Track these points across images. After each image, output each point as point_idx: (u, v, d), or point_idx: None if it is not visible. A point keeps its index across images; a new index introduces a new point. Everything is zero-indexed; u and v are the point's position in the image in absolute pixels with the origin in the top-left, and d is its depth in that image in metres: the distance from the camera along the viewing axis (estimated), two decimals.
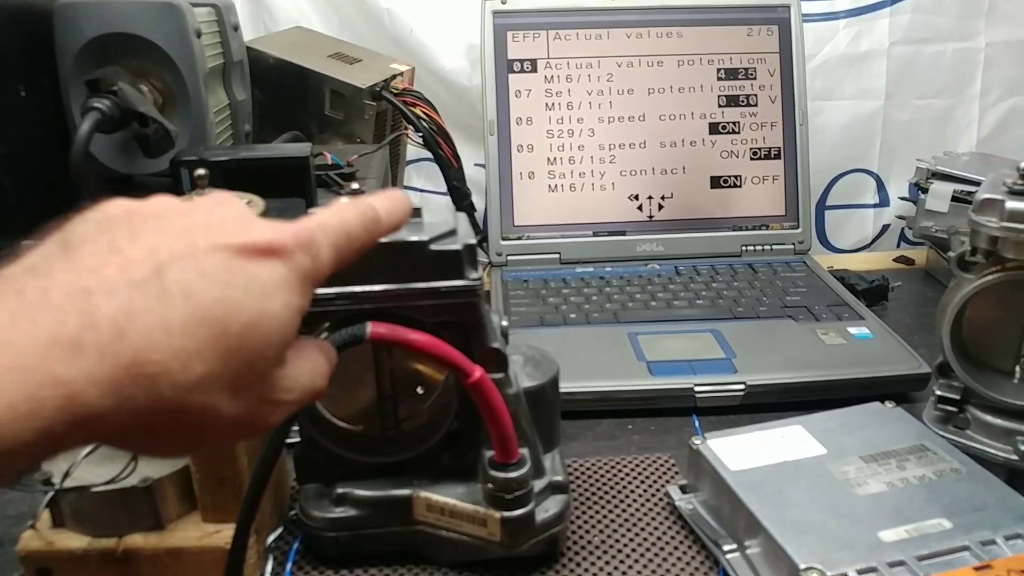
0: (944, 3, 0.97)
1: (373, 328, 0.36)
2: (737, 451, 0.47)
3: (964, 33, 0.99)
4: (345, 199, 0.35)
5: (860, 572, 0.38)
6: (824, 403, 0.53)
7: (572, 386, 0.57)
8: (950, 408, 0.53)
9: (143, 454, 0.40)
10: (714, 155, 0.83)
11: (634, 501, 0.50)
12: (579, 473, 0.53)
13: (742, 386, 0.60)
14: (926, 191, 0.81)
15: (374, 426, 0.45)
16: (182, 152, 0.60)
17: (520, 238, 0.81)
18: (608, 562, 0.45)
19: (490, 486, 0.42)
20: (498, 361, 0.42)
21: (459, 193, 0.86)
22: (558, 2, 0.81)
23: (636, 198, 0.82)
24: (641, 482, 0.52)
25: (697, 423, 0.59)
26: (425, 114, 0.83)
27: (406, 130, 0.87)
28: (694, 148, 0.82)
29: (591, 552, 0.46)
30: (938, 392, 0.54)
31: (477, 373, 0.39)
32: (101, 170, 0.63)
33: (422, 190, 1.05)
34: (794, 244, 0.83)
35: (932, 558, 0.39)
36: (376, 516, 0.45)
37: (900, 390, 0.60)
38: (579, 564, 0.45)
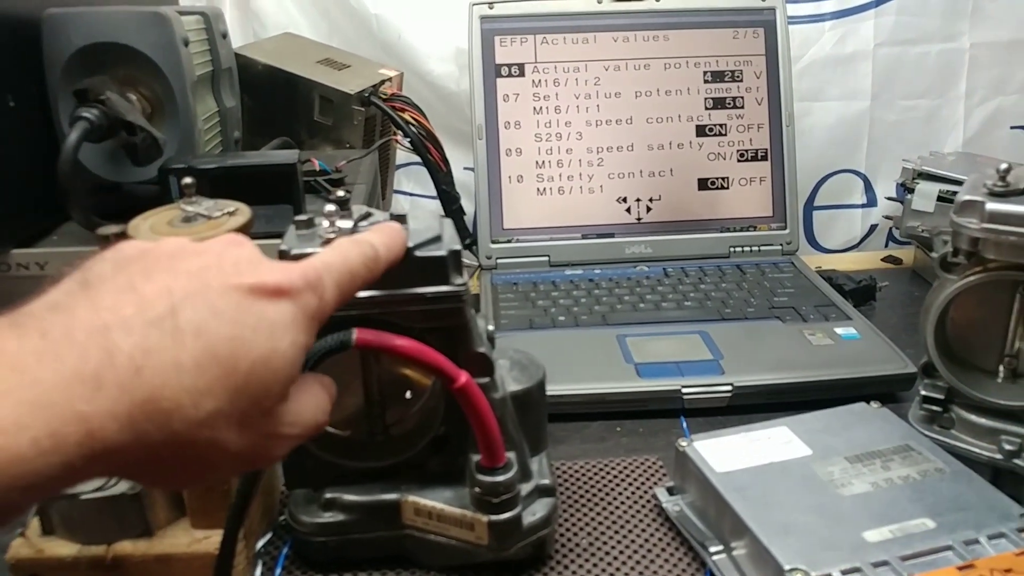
0: (928, 5, 0.98)
1: (359, 334, 0.36)
2: (723, 453, 0.47)
3: (948, 34, 0.99)
4: (326, 222, 0.36)
5: (844, 572, 0.38)
6: (811, 404, 0.53)
7: (561, 389, 0.57)
8: (935, 408, 0.54)
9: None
10: (701, 157, 0.83)
11: (622, 503, 0.50)
12: (567, 476, 0.53)
13: (729, 387, 0.60)
14: (912, 191, 0.82)
15: (362, 431, 0.45)
16: (170, 160, 0.60)
17: (509, 241, 0.82)
18: (596, 564, 0.45)
19: (477, 490, 0.43)
20: (484, 365, 0.42)
21: (448, 197, 0.87)
22: (545, 7, 0.81)
23: (624, 200, 0.83)
24: (629, 484, 0.52)
25: (685, 425, 0.59)
26: (414, 119, 0.84)
27: (395, 135, 0.88)
28: (681, 150, 0.83)
29: (579, 555, 0.46)
30: (923, 392, 0.54)
31: (463, 378, 0.39)
32: (90, 179, 0.63)
33: (411, 194, 1.06)
34: (782, 245, 0.84)
35: (916, 558, 0.39)
36: (365, 521, 0.45)
37: (887, 390, 0.61)
38: (567, 567, 0.45)
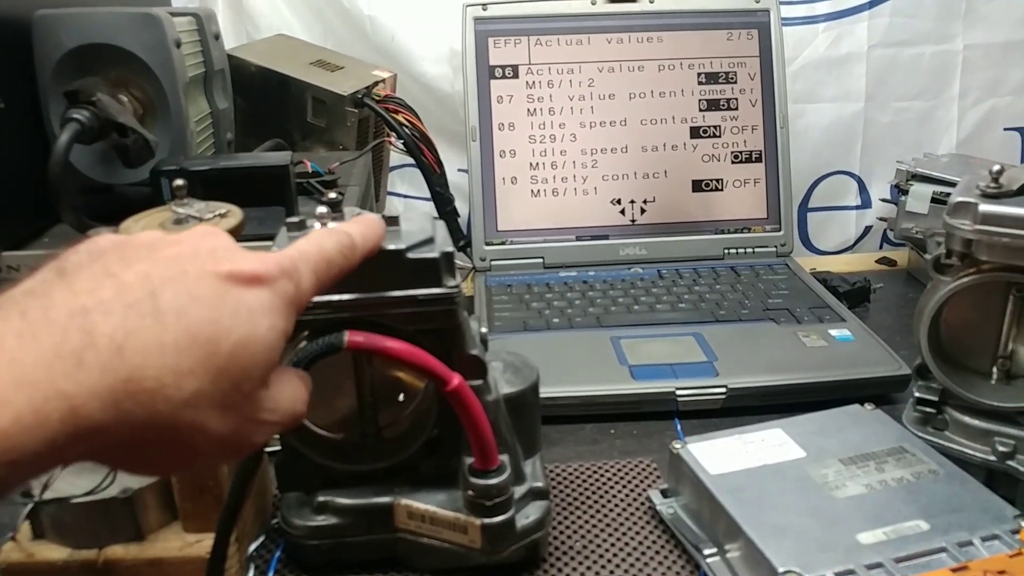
0: (922, 6, 0.98)
1: (350, 337, 0.36)
2: (717, 455, 0.47)
3: (942, 36, 1.00)
4: (319, 224, 0.36)
5: (838, 574, 0.38)
6: (805, 405, 0.53)
7: (555, 391, 0.57)
8: (929, 410, 0.54)
9: (136, 472, 0.40)
10: (695, 159, 0.83)
11: (616, 506, 0.50)
12: (561, 478, 0.53)
13: (723, 389, 0.60)
14: (906, 193, 0.82)
15: (354, 434, 0.45)
16: (162, 162, 0.60)
17: (503, 243, 0.82)
18: (589, 567, 0.45)
19: (470, 493, 0.42)
20: (477, 368, 0.42)
21: (442, 199, 0.87)
22: (539, 8, 0.81)
23: (618, 202, 0.83)
24: (623, 487, 0.52)
25: (679, 427, 0.59)
26: (407, 120, 0.83)
27: (388, 137, 0.88)
28: (675, 152, 0.83)
29: (572, 557, 0.46)
30: (917, 394, 0.54)
31: (455, 380, 0.39)
32: (81, 180, 0.63)
33: (405, 196, 1.06)
34: (776, 247, 0.84)
35: (910, 560, 0.39)
36: (357, 524, 0.45)
37: (881, 392, 0.61)
38: (560, 570, 0.45)
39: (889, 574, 0.38)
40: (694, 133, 0.83)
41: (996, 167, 0.49)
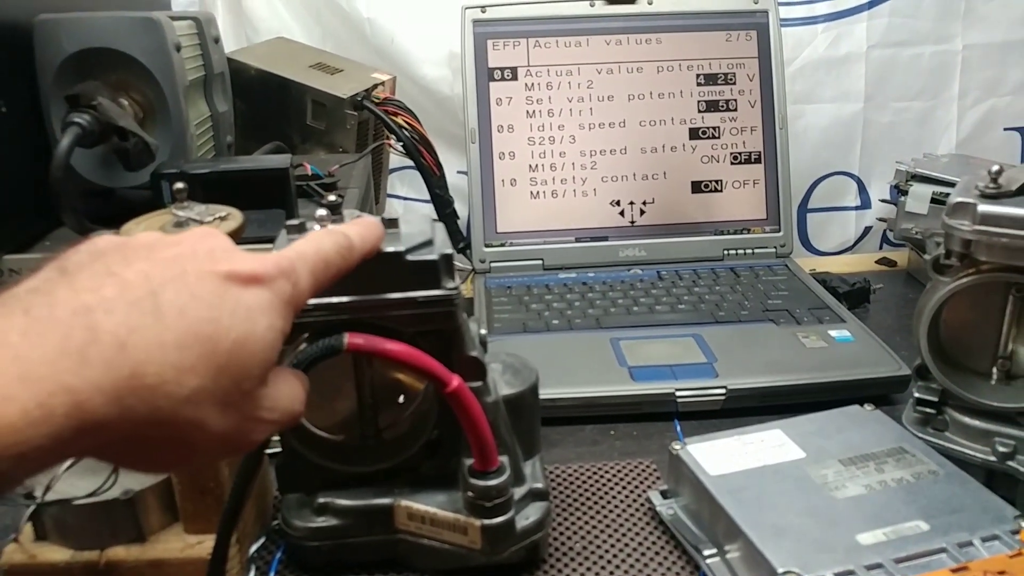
0: (921, 6, 0.98)
1: (350, 339, 0.37)
2: (717, 456, 0.47)
3: (941, 36, 1.00)
4: (318, 226, 0.37)
5: (838, 575, 0.38)
6: (805, 406, 0.53)
7: (554, 392, 0.57)
8: (929, 410, 0.54)
9: (139, 469, 0.40)
10: (695, 160, 0.83)
11: (616, 507, 0.50)
12: (561, 479, 0.53)
13: (723, 390, 0.60)
14: (906, 193, 0.82)
15: (355, 436, 0.45)
16: (163, 165, 0.60)
17: (503, 245, 0.82)
18: (589, 568, 0.45)
19: (470, 494, 0.42)
20: (476, 369, 0.42)
21: (442, 201, 0.87)
22: (537, 10, 0.82)
23: (618, 204, 0.83)
24: (623, 488, 0.52)
25: (679, 428, 0.59)
26: (407, 123, 0.84)
27: (388, 139, 0.88)
28: (675, 153, 0.83)
29: (572, 558, 0.46)
30: (916, 394, 0.54)
31: (455, 382, 0.39)
32: (82, 184, 0.64)
33: (405, 198, 1.06)
34: (776, 247, 0.84)
35: (909, 560, 0.39)
36: (358, 525, 0.45)
37: (881, 392, 0.61)
38: (560, 571, 0.45)
39: (889, 574, 0.38)
40: (693, 134, 0.83)
41: (995, 167, 0.49)
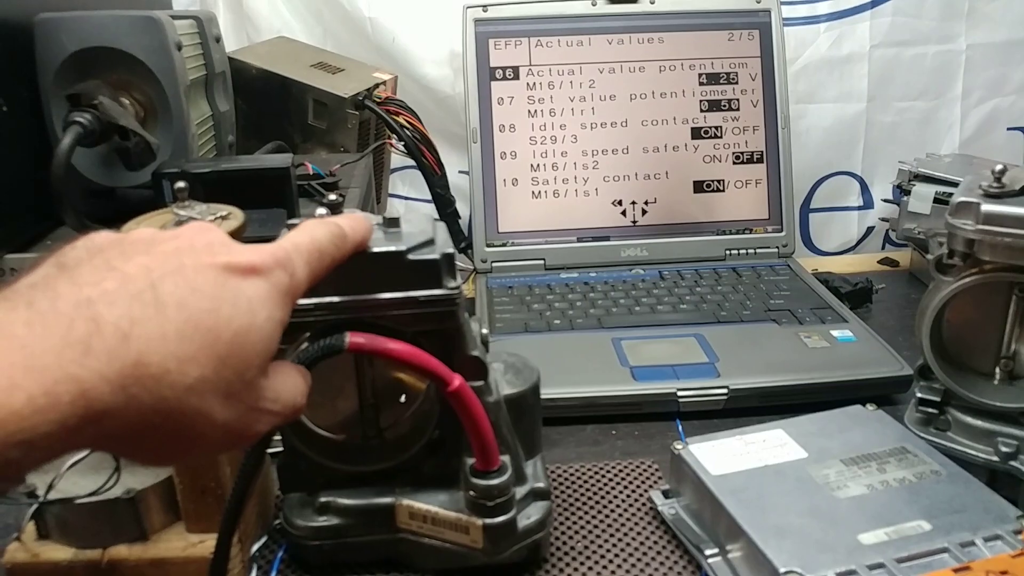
0: (924, 6, 0.98)
1: (351, 338, 0.36)
2: (718, 456, 0.47)
3: (945, 35, 1.00)
4: (315, 217, 0.37)
5: (839, 575, 0.38)
6: (807, 406, 0.53)
7: (556, 392, 0.57)
8: (931, 410, 0.54)
9: (143, 461, 0.41)
10: (697, 160, 0.83)
11: (617, 506, 0.50)
12: (563, 479, 0.53)
13: (725, 390, 0.60)
14: (908, 193, 0.82)
15: (356, 435, 0.45)
16: (164, 164, 0.60)
17: (505, 245, 0.82)
18: (591, 568, 0.45)
19: (472, 493, 0.42)
20: (478, 369, 0.42)
21: (443, 200, 0.87)
22: (539, 9, 0.81)
23: (620, 203, 0.83)
24: (624, 487, 0.52)
25: (680, 428, 0.59)
26: (408, 122, 0.84)
27: (389, 139, 0.88)
28: (677, 153, 0.83)
29: (574, 558, 0.46)
30: (919, 394, 0.54)
31: (456, 381, 0.39)
32: (83, 183, 0.64)
33: (406, 198, 1.06)
34: (778, 247, 0.83)
35: (911, 560, 0.39)
36: (359, 524, 0.45)
37: (883, 393, 0.61)
38: (562, 570, 0.45)
39: (891, 574, 0.38)
40: (695, 134, 0.83)
41: (999, 167, 0.49)
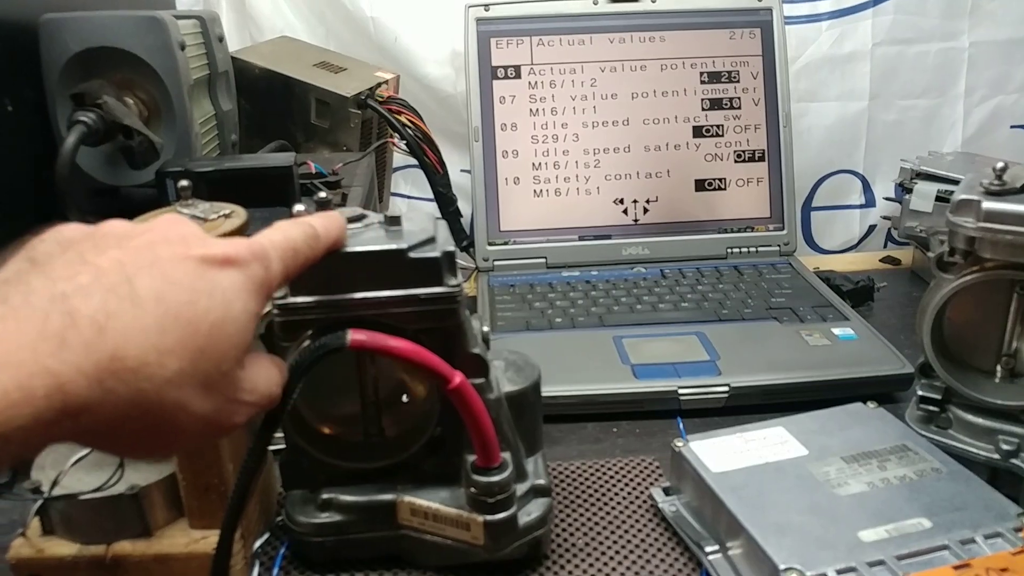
0: (927, 4, 0.98)
1: (353, 336, 0.37)
2: (719, 453, 0.47)
3: (947, 33, 0.99)
4: (293, 215, 0.38)
5: (840, 572, 0.38)
6: (808, 404, 0.53)
7: (557, 390, 0.57)
8: (932, 408, 0.54)
9: (122, 454, 0.41)
10: (698, 158, 0.83)
11: (618, 504, 0.50)
12: (564, 476, 0.53)
13: (726, 388, 0.60)
14: (910, 191, 0.82)
15: (358, 432, 0.45)
16: (167, 163, 0.61)
17: (506, 243, 0.82)
18: (592, 564, 0.45)
19: (473, 490, 0.43)
20: (479, 366, 0.42)
21: (445, 199, 0.87)
22: (541, 8, 0.82)
23: (621, 202, 0.83)
24: (625, 485, 0.52)
25: (681, 425, 0.59)
26: (410, 121, 0.84)
27: (391, 138, 0.88)
28: (678, 151, 0.83)
29: (575, 555, 0.46)
30: (920, 392, 0.54)
31: (457, 379, 0.39)
32: (87, 182, 0.64)
33: (408, 196, 1.06)
34: (779, 246, 0.84)
35: (911, 557, 0.39)
36: (361, 521, 0.45)
37: (884, 390, 0.61)
38: (563, 567, 0.45)
39: (891, 571, 0.38)
40: (697, 132, 0.83)
41: (1000, 164, 0.49)
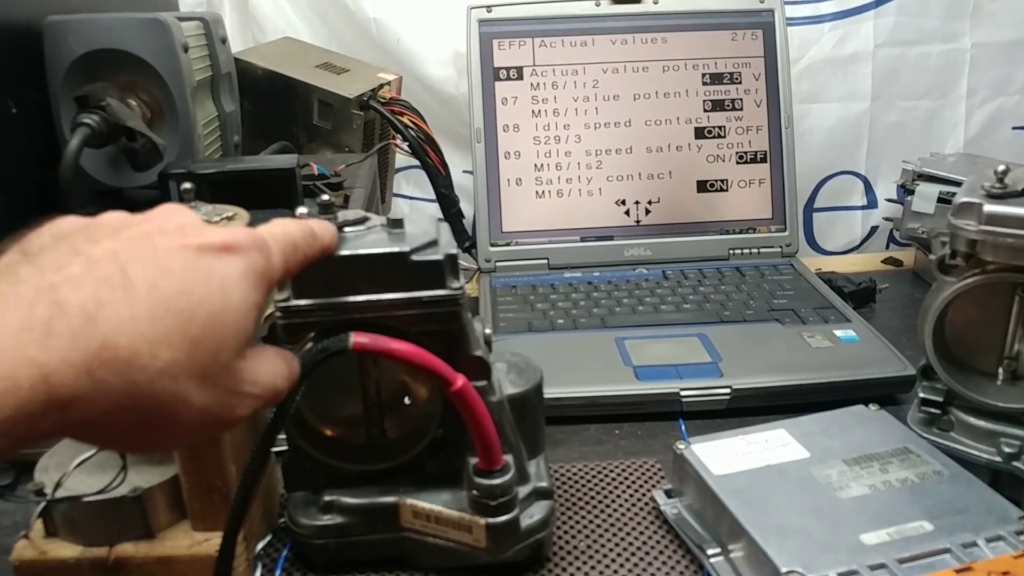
0: (928, 5, 0.98)
1: (356, 338, 0.37)
2: (721, 455, 0.47)
3: (949, 34, 0.99)
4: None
5: (841, 575, 0.38)
6: (810, 406, 0.53)
7: (559, 392, 0.57)
8: (934, 410, 0.54)
9: (120, 448, 0.40)
10: (700, 159, 0.83)
11: (620, 506, 0.50)
12: (565, 478, 0.53)
13: (728, 390, 0.60)
14: (912, 193, 0.82)
15: (360, 434, 0.45)
16: (170, 165, 0.61)
17: (508, 244, 0.82)
18: (593, 567, 0.46)
19: (475, 493, 0.43)
20: (481, 369, 0.43)
21: (447, 200, 0.87)
22: (543, 10, 0.82)
23: (623, 203, 0.83)
24: (627, 487, 0.52)
25: (683, 427, 0.59)
26: (412, 122, 0.84)
27: (394, 139, 0.88)
28: (680, 153, 0.83)
29: (577, 557, 0.46)
30: (922, 394, 0.54)
31: (459, 381, 0.39)
32: (91, 184, 0.64)
33: (411, 197, 1.06)
34: (781, 247, 0.84)
35: (913, 560, 0.39)
36: (363, 523, 0.45)
37: (886, 392, 0.61)
38: (564, 569, 0.46)
39: (893, 575, 0.38)
40: (699, 134, 0.83)
41: (1001, 167, 0.49)
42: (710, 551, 0.44)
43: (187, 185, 0.45)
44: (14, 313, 0.24)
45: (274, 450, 0.41)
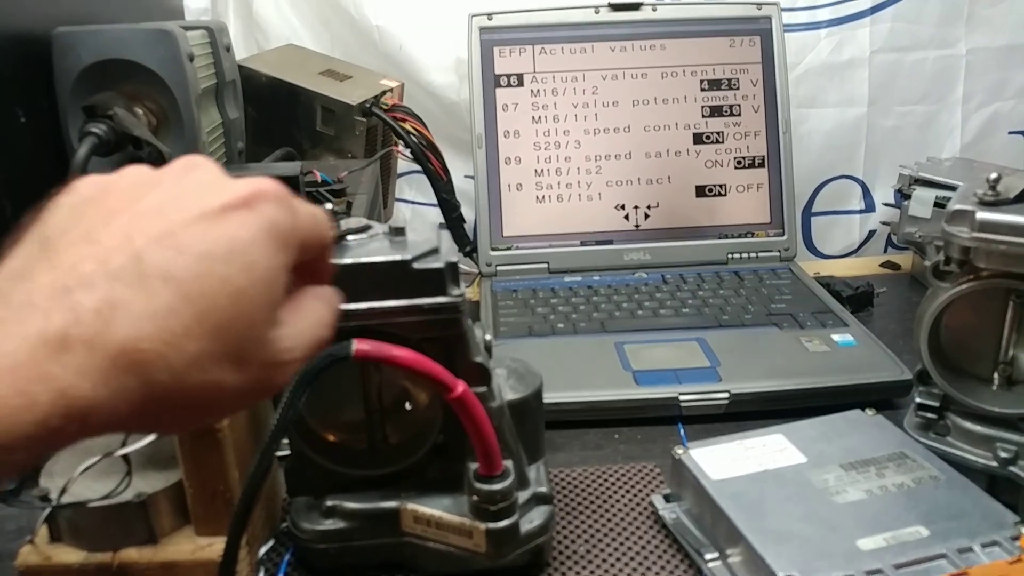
0: (924, 11, 0.98)
1: (358, 345, 0.37)
2: (719, 460, 0.48)
3: (945, 40, 0.99)
4: None
5: None
6: (808, 411, 0.53)
7: (559, 396, 0.57)
8: (930, 415, 0.54)
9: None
10: (699, 164, 0.84)
11: (619, 511, 0.51)
12: (565, 483, 0.54)
13: (726, 395, 0.60)
14: (909, 197, 0.82)
15: (362, 440, 0.46)
16: None
17: (509, 248, 0.83)
18: (593, 572, 0.46)
19: (475, 498, 0.43)
20: (481, 375, 0.43)
21: (448, 205, 0.87)
22: (543, 17, 0.82)
23: (623, 208, 0.83)
24: (626, 491, 0.53)
25: (682, 432, 0.60)
26: (414, 129, 0.84)
27: (396, 145, 0.88)
28: (679, 158, 0.84)
29: (576, 562, 0.47)
30: (918, 399, 0.54)
31: (460, 388, 0.39)
32: None
33: (413, 202, 1.06)
34: (780, 251, 0.84)
35: (909, 566, 0.39)
36: (365, 528, 0.45)
37: (883, 397, 0.61)
38: (564, 574, 0.46)
39: None
40: (697, 139, 0.84)
41: (993, 175, 0.49)
42: (708, 556, 0.45)
43: None
44: (31, 326, 0.23)
45: (277, 455, 0.41)
